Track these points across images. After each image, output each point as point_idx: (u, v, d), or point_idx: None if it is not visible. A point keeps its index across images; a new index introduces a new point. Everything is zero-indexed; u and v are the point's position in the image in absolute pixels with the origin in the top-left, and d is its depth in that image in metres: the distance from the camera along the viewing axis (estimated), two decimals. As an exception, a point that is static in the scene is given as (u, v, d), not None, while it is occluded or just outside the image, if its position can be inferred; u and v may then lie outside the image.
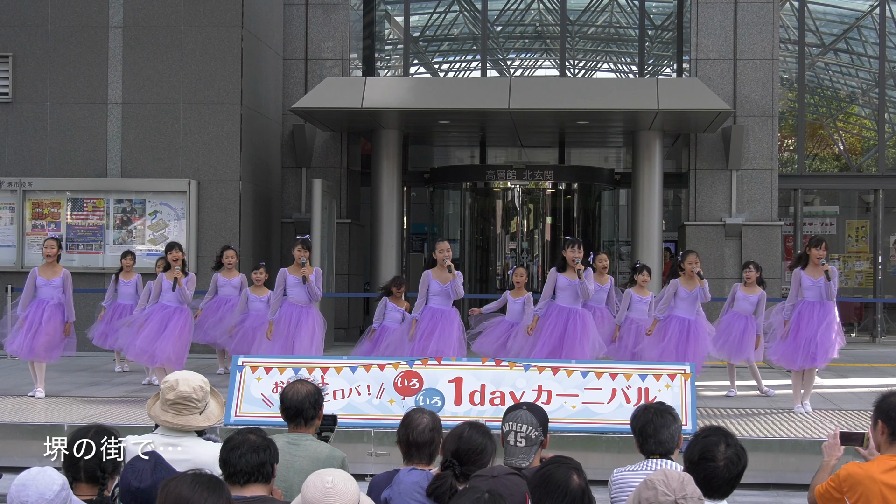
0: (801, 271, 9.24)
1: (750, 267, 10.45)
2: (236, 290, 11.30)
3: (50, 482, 3.29)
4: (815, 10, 18.04)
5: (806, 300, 9.21)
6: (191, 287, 9.88)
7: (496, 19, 19.05)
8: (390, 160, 15.45)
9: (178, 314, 9.79)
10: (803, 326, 9.15)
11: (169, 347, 9.64)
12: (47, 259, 9.99)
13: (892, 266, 17.89)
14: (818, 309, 9.16)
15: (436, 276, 9.54)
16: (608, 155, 19.42)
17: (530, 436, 4.10)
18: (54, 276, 9.94)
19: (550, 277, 9.59)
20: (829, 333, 9.13)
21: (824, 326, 9.09)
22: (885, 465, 4.03)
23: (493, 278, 17.82)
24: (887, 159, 17.65)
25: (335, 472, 3.29)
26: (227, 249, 11.52)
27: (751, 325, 10.23)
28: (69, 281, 10.04)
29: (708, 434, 3.70)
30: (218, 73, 13.81)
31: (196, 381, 4.24)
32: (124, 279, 11.64)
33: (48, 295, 9.93)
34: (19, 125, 13.97)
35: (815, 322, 9.11)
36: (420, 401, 8.10)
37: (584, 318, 9.46)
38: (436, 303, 9.58)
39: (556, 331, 9.40)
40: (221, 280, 11.37)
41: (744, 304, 10.31)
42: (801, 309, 9.22)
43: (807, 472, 6.62)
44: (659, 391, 8.06)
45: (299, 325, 9.51)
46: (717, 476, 3.40)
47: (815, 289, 9.17)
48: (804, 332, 9.13)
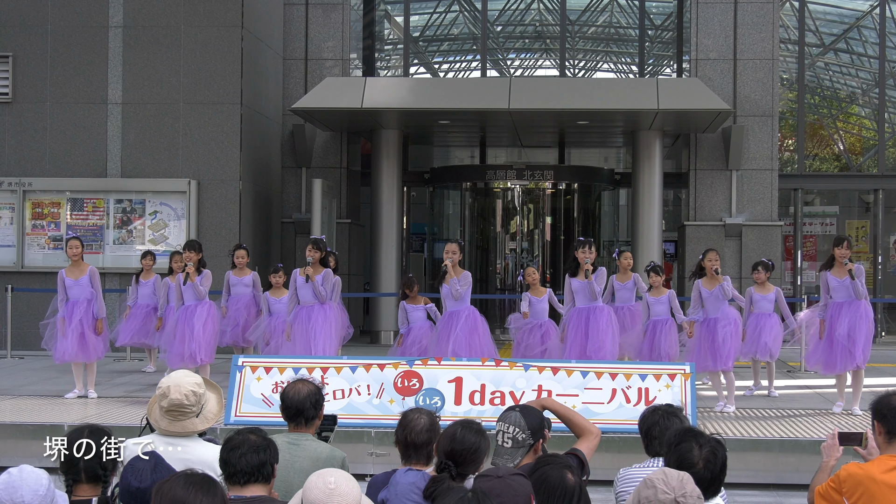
0: (827, 273, 9.28)
1: (759, 269, 10.49)
2: (248, 287, 11.36)
3: (38, 478, 3.30)
4: (815, 10, 18.04)
5: (835, 301, 9.23)
6: (206, 283, 9.90)
7: (496, 19, 19.05)
8: (390, 160, 15.45)
9: (199, 308, 9.82)
10: (836, 329, 9.15)
11: (203, 343, 9.70)
12: (73, 259, 10.03)
13: (892, 266, 17.90)
14: (846, 309, 9.16)
15: (446, 280, 9.60)
16: (608, 155, 19.42)
17: (517, 437, 4.09)
18: (81, 275, 9.99)
19: (566, 284, 9.65)
20: (860, 330, 9.11)
21: (854, 325, 9.09)
22: (884, 465, 4.03)
23: (493, 278, 17.82)
24: (887, 159, 17.65)
25: (337, 472, 3.28)
26: (238, 249, 11.54)
27: (777, 321, 10.32)
28: (97, 277, 10.08)
29: (679, 441, 3.67)
30: (218, 73, 13.81)
31: (188, 385, 4.17)
32: (143, 279, 11.71)
33: (78, 294, 9.96)
34: (19, 125, 13.97)
35: (846, 323, 9.11)
36: (420, 401, 8.10)
37: (601, 314, 9.48)
38: (449, 306, 9.60)
39: (579, 332, 9.46)
40: (233, 279, 11.41)
41: (763, 303, 10.39)
42: (832, 312, 9.24)
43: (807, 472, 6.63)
44: (659, 391, 8.06)
45: (313, 326, 9.51)
46: (700, 479, 3.39)
47: (842, 289, 9.18)
48: (837, 335, 9.14)
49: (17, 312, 13.32)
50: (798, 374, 11.94)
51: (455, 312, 9.52)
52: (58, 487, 3.55)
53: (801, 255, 16.83)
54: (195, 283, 9.77)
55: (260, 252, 14.65)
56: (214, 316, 9.99)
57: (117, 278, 13.51)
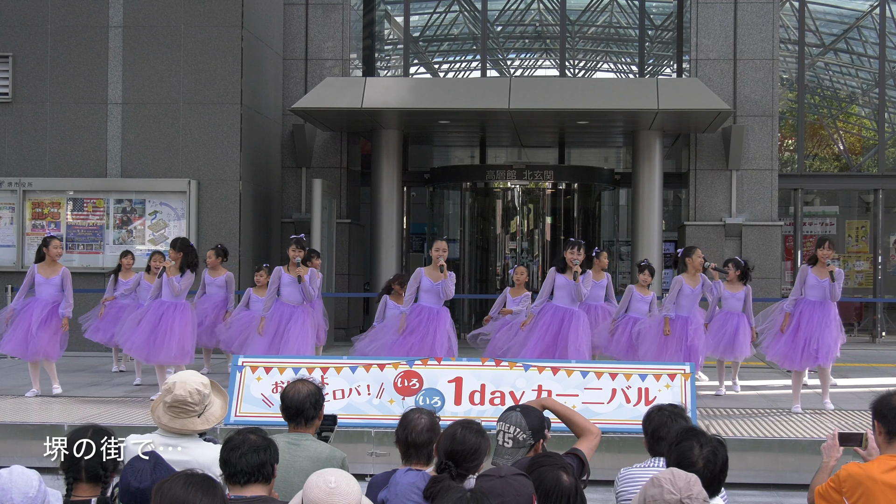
0: (808, 268, 9.31)
1: (729, 265, 10.46)
2: (221, 288, 11.32)
3: (28, 480, 3.27)
4: (815, 10, 18.04)
5: (807, 299, 9.25)
6: (185, 283, 9.73)
7: (496, 19, 19.05)
8: (390, 160, 15.45)
9: (173, 310, 9.66)
10: (803, 326, 9.18)
11: (173, 345, 9.57)
12: (55, 258, 9.99)
13: (892, 266, 17.89)
14: (819, 309, 9.18)
15: (428, 273, 9.54)
16: (608, 155, 19.42)
17: (518, 437, 4.10)
18: (53, 275, 9.94)
19: (549, 276, 9.64)
20: (830, 332, 9.15)
21: (825, 325, 9.12)
22: (884, 465, 4.03)
23: (492, 278, 17.82)
24: (887, 159, 17.65)
25: (338, 472, 3.29)
26: (211, 249, 11.45)
27: (742, 321, 10.26)
28: (69, 279, 10.03)
29: (680, 440, 3.68)
30: (218, 73, 13.81)
31: (194, 383, 4.18)
32: (123, 279, 11.63)
33: (46, 293, 9.93)
34: (19, 125, 13.98)
35: (816, 322, 9.14)
36: (420, 401, 8.10)
37: (579, 320, 9.49)
38: (425, 300, 9.55)
39: (550, 329, 9.42)
40: (207, 279, 11.40)
41: (731, 301, 10.36)
42: (803, 308, 9.25)
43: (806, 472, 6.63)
44: (659, 391, 8.06)
45: (290, 324, 9.52)
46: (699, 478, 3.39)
47: (819, 288, 9.20)
48: (804, 332, 9.16)
49: (17, 312, 13.31)
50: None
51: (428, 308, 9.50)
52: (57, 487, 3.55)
53: (801, 255, 16.83)
54: (171, 280, 9.61)
55: (260, 252, 14.66)
56: (188, 318, 9.80)
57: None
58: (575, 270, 9.36)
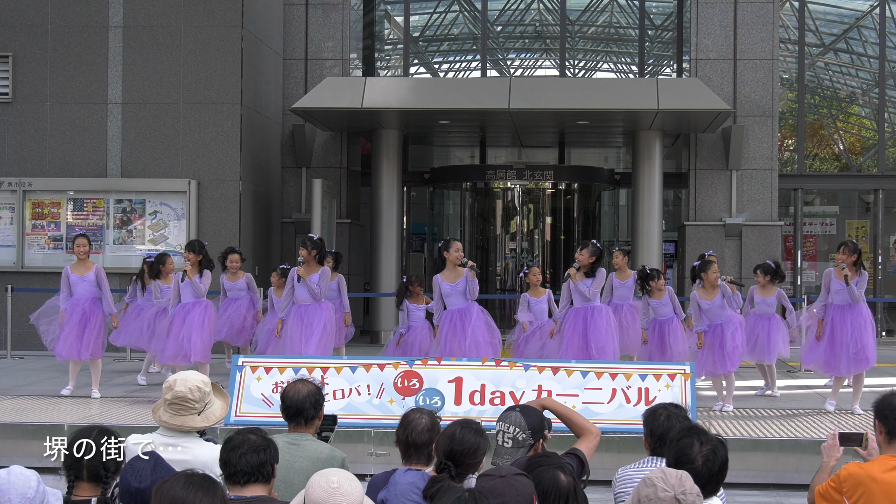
0: (831, 272, 9.30)
1: (758, 272, 10.52)
2: (242, 291, 11.31)
3: (27, 480, 3.25)
4: (815, 10, 18.05)
5: (834, 304, 9.23)
6: (205, 282, 9.85)
7: (496, 19, 19.05)
8: (390, 160, 15.44)
9: (196, 307, 9.78)
10: (837, 332, 9.15)
11: (198, 341, 9.63)
12: (80, 257, 10.06)
13: (892, 266, 17.89)
14: (848, 313, 9.16)
15: (445, 278, 9.33)
16: (608, 155, 19.42)
17: (517, 437, 4.10)
18: (87, 272, 10.05)
19: (565, 284, 9.62)
20: (866, 335, 9.12)
21: (859, 329, 9.10)
22: (885, 465, 4.03)
23: (493, 278, 17.82)
24: (887, 159, 17.65)
25: (340, 472, 3.29)
26: (230, 253, 11.33)
27: (774, 323, 10.35)
28: (102, 274, 10.12)
29: (682, 437, 3.68)
30: (218, 73, 13.81)
31: (194, 381, 4.20)
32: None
33: (83, 291, 10.00)
34: (19, 125, 13.97)
35: (849, 326, 9.11)
36: (420, 401, 8.10)
37: (600, 314, 9.48)
38: (452, 304, 9.33)
39: (577, 329, 9.45)
40: (227, 284, 11.32)
41: (762, 306, 10.46)
42: (833, 314, 9.23)
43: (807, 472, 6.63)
44: (659, 391, 8.06)
45: (309, 325, 9.49)
46: (697, 476, 3.39)
47: (843, 293, 9.19)
48: (839, 338, 9.13)
49: (17, 312, 13.30)
50: (798, 374, 11.94)
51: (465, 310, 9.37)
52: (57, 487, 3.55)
53: (801, 255, 16.84)
54: (194, 281, 9.73)
55: (260, 252, 14.66)
56: (211, 316, 9.94)
57: (117, 278, 13.48)
58: (568, 273, 9.43)
